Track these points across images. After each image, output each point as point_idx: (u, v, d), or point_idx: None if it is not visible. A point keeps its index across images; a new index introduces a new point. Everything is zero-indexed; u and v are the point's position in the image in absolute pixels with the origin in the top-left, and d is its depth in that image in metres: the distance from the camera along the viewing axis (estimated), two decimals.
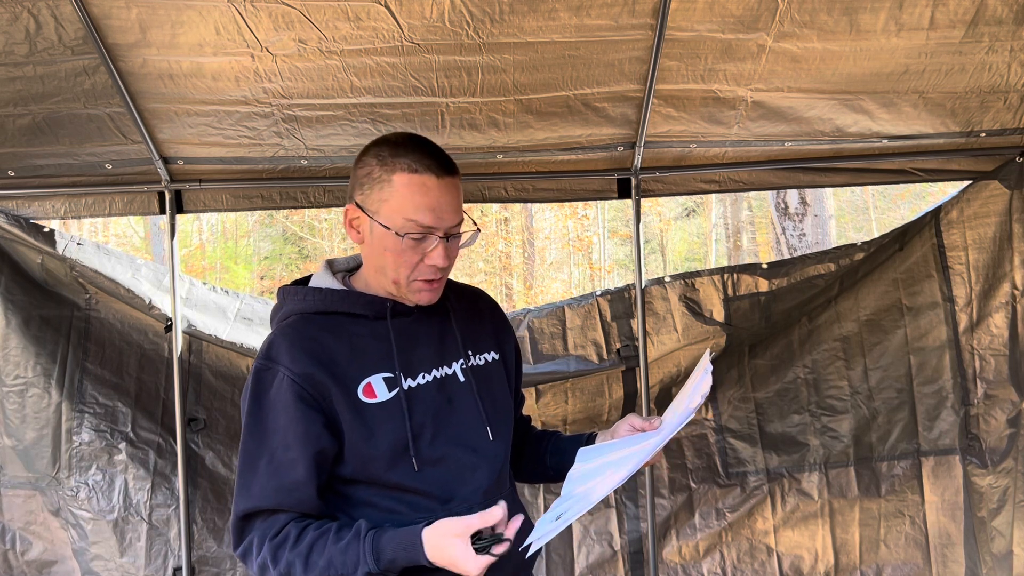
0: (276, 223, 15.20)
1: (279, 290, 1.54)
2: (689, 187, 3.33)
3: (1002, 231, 3.17)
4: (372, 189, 1.44)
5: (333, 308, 1.47)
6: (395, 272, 1.45)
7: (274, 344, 1.42)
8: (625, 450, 1.51)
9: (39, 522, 3.23)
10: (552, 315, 3.43)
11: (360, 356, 1.44)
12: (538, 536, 1.32)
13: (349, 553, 1.31)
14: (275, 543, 1.33)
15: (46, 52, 2.41)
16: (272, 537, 1.33)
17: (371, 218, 1.44)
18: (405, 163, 1.43)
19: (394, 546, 1.31)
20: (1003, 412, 3.20)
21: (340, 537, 1.32)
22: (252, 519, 1.36)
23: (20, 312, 3.20)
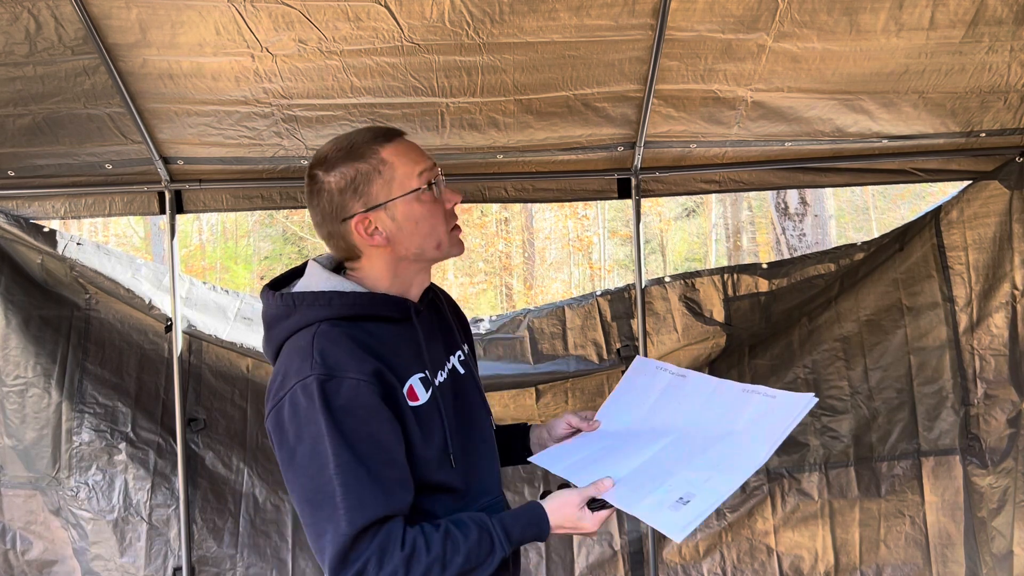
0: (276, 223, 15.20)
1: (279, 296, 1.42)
2: (689, 187, 3.33)
3: (1002, 231, 3.17)
4: (370, 184, 1.40)
5: (363, 312, 1.40)
6: (435, 233, 1.45)
7: (327, 352, 1.31)
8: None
9: (39, 522, 3.23)
10: (552, 315, 3.43)
11: (398, 359, 1.40)
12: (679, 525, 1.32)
13: (483, 544, 1.33)
14: (405, 554, 1.27)
15: (46, 52, 2.42)
16: (400, 548, 1.27)
17: (388, 205, 1.41)
18: (376, 142, 1.42)
19: (521, 526, 1.38)
20: (1003, 412, 3.20)
21: (465, 532, 1.33)
22: (364, 536, 1.25)
23: (20, 312, 3.20)
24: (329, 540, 1.25)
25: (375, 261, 1.44)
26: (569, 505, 1.40)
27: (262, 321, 1.46)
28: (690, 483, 1.39)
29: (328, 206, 1.41)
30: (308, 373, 1.29)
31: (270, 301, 1.43)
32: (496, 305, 14.33)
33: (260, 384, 3.36)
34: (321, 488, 1.26)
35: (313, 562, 3.28)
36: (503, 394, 3.36)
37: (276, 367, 1.39)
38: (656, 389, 1.68)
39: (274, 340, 1.42)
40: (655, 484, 1.42)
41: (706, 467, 1.43)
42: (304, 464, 1.28)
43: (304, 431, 1.28)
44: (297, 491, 1.30)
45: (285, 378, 1.33)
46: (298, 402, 1.29)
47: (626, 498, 1.41)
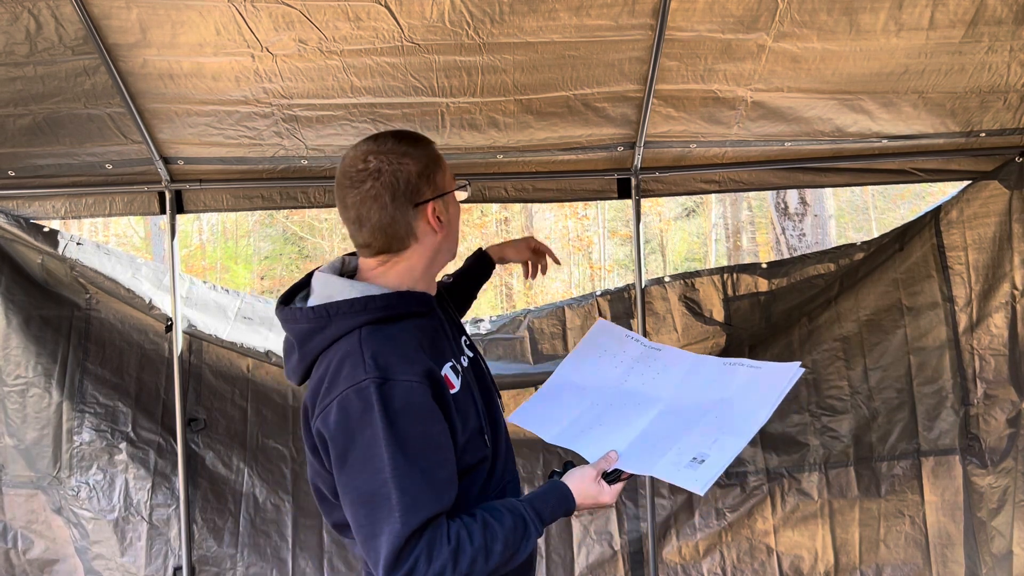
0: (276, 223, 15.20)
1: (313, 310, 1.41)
2: (689, 187, 3.33)
3: (1002, 231, 3.17)
4: (436, 172, 1.47)
5: (395, 312, 1.42)
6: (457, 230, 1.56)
7: (378, 355, 1.33)
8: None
9: (40, 521, 3.23)
10: (552, 315, 3.43)
11: (433, 352, 1.43)
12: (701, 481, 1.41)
13: (518, 528, 1.39)
14: (452, 547, 1.31)
15: (46, 52, 2.42)
16: (447, 543, 1.31)
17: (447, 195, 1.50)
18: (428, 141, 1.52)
19: (551, 507, 1.46)
20: (1003, 412, 3.21)
21: (500, 520, 1.38)
22: (415, 535, 1.28)
23: (21, 312, 3.21)
24: (384, 540, 1.28)
25: (421, 251, 1.47)
26: (587, 480, 1.49)
27: (293, 338, 1.45)
28: (699, 444, 1.46)
29: (402, 189, 1.42)
30: (363, 377, 1.31)
31: (299, 316, 1.43)
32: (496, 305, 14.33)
33: (260, 384, 3.36)
34: (377, 490, 1.29)
35: (313, 562, 3.29)
36: (503, 394, 3.35)
37: (318, 375, 1.39)
38: (629, 355, 1.72)
39: (311, 352, 1.42)
40: (664, 448, 1.48)
41: (710, 430, 1.48)
42: (358, 467, 1.30)
43: (358, 435, 1.30)
44: (350, 493, 1.32)
45: (333, 384, 1.34)
46: (350, 406, 1.31)
47: (638, 464, 1.47)
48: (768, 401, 1.49)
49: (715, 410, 1.53)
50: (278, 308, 1.49)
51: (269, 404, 3.36)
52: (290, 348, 1.47)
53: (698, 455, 1.43)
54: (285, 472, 3.32)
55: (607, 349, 1.75)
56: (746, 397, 1.52)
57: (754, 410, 1.49)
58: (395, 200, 1.42)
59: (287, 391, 3.38)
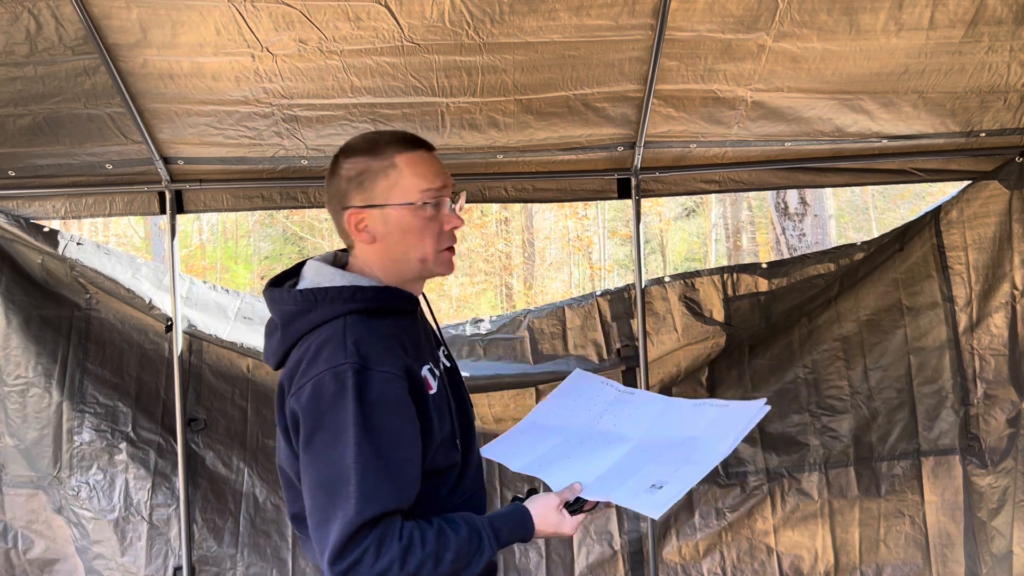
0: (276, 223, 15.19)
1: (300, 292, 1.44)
2: (689, 187, 3.33)
3: (1002, 231, 3.17)
4: (375, 182, 1.44)
5: (382, 305, 1.44)
6: (421, 248, 1.47)
7: (361, 343, 1.35)
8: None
9: (41, 521, 3.23)
10: (552, 315, 3.43)
11: (415, 351, 1.45)
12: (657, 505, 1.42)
13: (472, 543, 1.37)
14: (403, 545, 1.29)
15: (46, 52, 2.42)
16: (398, 540, 1.29)
17: (383, 208, 1.44)
18: (397, 146, 1.46)
19: (509, 528, 1.43)
20: (1003, 412, 3.21)
21: (456, 531, 1.37)
22: (367, 526, 1.27)
23: (21, 312, 3.21)
24: (336, 526, 1.27)
25: (365, 255, 1.49)
26: (549, 507, 1.46)
27: (277, 319, 1.48)
28: (660, 473, 1.47)
29: (335, 191, 1.47)
30: (342, 361, 1.32)
31: (286, 297, 1.46)
32: (496, 305, 14.33)
33: (260, 384, 3.36)
34: (339, 475, 1.29)
35: (313, 561, 3.29)
36: (503, 394, 3.36)
37: (296, 356, 1.40)
38: (603, 399, 1.73)
39: (293, 334, 1.43)
40: (627, 478, 1.49)
41: (674, 461, 1.51)
42: (323, 448, 1.31)
43: (327, 417, 1.31)
44: (312, 474, 1.32)
45: (312, 364, 1.35)
46: (325, 387, 1.31)
47: (602, 492, 1.48)
48: (732, 433, 1.52)
49: (683, 445, 1.55)
50: (266, 289, 1.50)
51: (269, 404, 3.36)
52: (272, 330, 1.49)
53: (657, 482, 1.45)
54: None
55: (581, 393, 1.77)
56: (711, 432, 1.55)
57: (717, 443, 1.51)
58: (331, 201, 1.49)
59: None
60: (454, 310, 13.54)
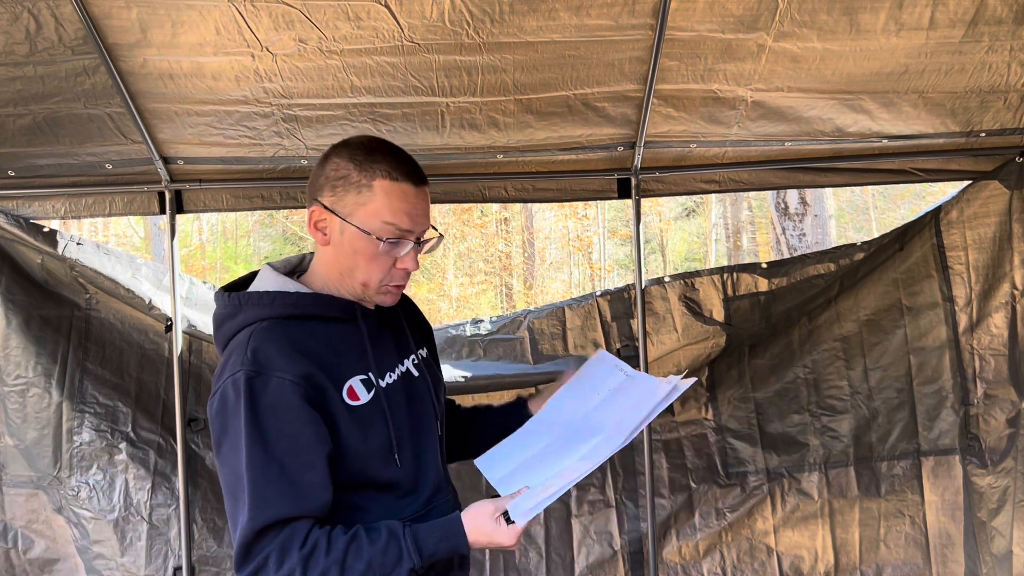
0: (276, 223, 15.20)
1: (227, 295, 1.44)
2: (689, 187, 3.33)
3: (1002, 231, 3.17)
4: (347, 192, 1.42)
5: (305, 312, 1.42)
6: (366, 275, 1.45)
7: (259, 350, 1.35)
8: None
9: (41, 520, 3.23)
10: (552, 315, 3.43)
11: (339, 359, 1.42)
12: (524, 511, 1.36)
13: (389, 553, 1.31)
14: (304, 552, 1.27)
15: (46, 52, 2.42)
16: (300, 547, 1.27)
17: (344, 220, 1.42)
18: (384, 169, 1.43)
19: (435, 538, 1.35)
20: (1003, 412, 3.21)
21: (373, 539, 1.32)
22: (267, 532, 1.27)
23: (20, 312, 3.21)
24: (237, 532, 1.29)
25: (320, 254, 1.49)
26: (482, 516, 1.36)
27: (213, 320, 1.49)
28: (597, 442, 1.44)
29: (314, 179, 1.48)
30: (239, 368, 1.33)
31: (220, 301, 1.47)
32: (496, 305, 14.33)
33: None
34: (236, 482, 1.30)
35: None
36: (503, 394, 3.36)
37: (219, 363, 1.44)
38: (606, 387, 1.68)
39: (221, 339, 1.46)
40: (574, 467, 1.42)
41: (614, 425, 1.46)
42: (227, 456, 1.32)
43: (229, 425, 1.32)
44: (221, 481, 1.34)
45: (221, 372, 1.38)
46: (227, 396, 1.33)
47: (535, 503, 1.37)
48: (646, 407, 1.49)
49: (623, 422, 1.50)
50: (217, 291, 1.52)
51: None
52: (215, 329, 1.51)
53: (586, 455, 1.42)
54: None
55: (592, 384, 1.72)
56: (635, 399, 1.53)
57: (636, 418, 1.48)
58: (310, 186, 1.49)
59: None
60: (454, 310, 13.54)
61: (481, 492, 3.26)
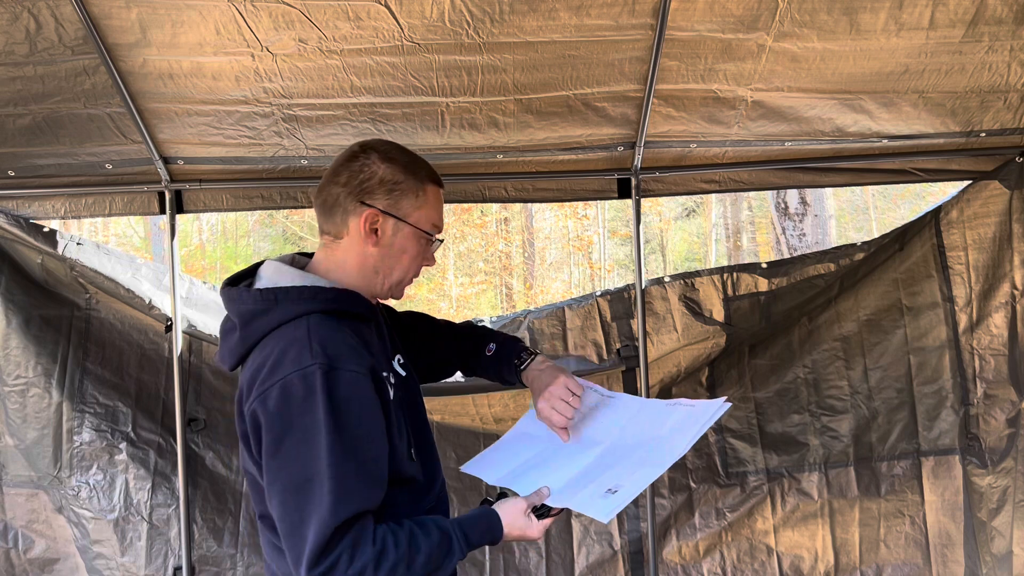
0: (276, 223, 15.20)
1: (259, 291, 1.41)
2: (689, 187, 3.33)
3: (1002, 231, 3.17)
4: (404, 196, 1.47)
5: (339, 307, 1.42)
6: (404, 272, 1.51)
7: (327, 344, 1.33)
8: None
9: (41, 520, 3.23)
10: (552, 316, 3.43)
11: (373, 355, 1.43)
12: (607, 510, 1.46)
13: (443, 546, 1.37)
14: (376, 550, 1.29)
15: (46, 52, 2.42)
16: (372, 543, 1.29)
17: (402, 221, 1.47)
18: (429, 175, 1.52)
19: (479, 532, 1.44)
20: (1003, 412, 3.21)
21: (427, 533, 1.37)
22: (345, 526, 1.27)
23: (21, 312, 3.21)
24: (312, 531, 1.25)
25: (352, 252, 1.48)
26: (517, 511, 1.47)
27: (235, 319, 1.43)
28: (618, 477, 1.51)
29: (359, 183, 1.46)
30: (309, 363, 1.30)
31: (244, 296, 1.42)
32: (496, 305, 14.33)
33: None
34: (311, 478, 1.27)
35: None
36: (503, 394, 3.37)
37: (258, 358, 1.37)
38: (585, 404, 1.72)
39: (253, 335, 1.40)
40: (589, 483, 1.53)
41: (633, 464, 1.54)
42: (293, 453, 1.28)
43: (296, 420, 1.28)
44: (282, 480, 1.29)
45: (276, 367, 1.32)
46: (293, 390, 1.29)
47: (564, 499, 1.51)
48: (690, 432, 1.55)
49: (646, 446, 1.58)
50: (223, 288, 1.47)
51: None
52: (230, 330, 1.45)
53: (613, 487, 1.49)
54: None
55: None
56: (675, 431, 1.59)
57: (677, 442, 1.55)
58: (348, 186, 1.46)
59: None
60: (454, 310, 13.55)
61: (481, 492, 3.27)
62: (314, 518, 1.25)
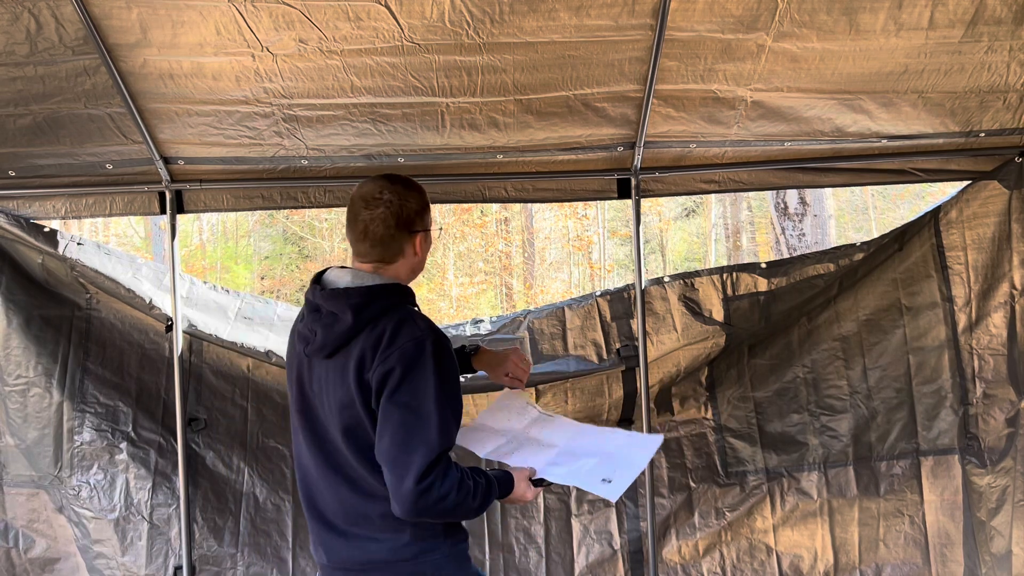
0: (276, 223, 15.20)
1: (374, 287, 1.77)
2: (689, 187, 3.33)
3: (1001, 231, 3.17)
4: (426, 213, 1.89)
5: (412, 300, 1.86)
6: (424, 264, 1.94)
7: (431, 326, 1.76)
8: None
9: (42, 520, 3.23)
10: (552, 316, 3.44)
11: None
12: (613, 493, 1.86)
13: (489, 489, 1.77)
14: (457, 477, 1.68)
15: (47, 52, 2.42)
16: (455, 471, 1.69)
17: (427, 232, 1.91)
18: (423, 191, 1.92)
19: (503, 484, 1.83)
20: (1002, 412, 3.21)
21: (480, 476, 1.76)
22: (441, 457, 1.66)
23: (21, 312, 3.21)
24: (421, 454, 1.64)
25: (403, 266, 1.88)
26: (523, 477, 1.89)
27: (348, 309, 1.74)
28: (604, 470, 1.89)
29: (402, 218, 1.83)
30: (423, 335, 1.71)
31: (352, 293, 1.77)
32: (496, 305, 14.33)
33: (260, 384, 3.37)
34: (422, 416, 1.66)
35: (312, 561, 3.29)
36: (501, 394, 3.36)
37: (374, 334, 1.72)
38: (528, 416, 2.14)
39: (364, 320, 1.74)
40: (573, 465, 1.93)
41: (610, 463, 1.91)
42: (405, 396, 1.67)
43: (411, 373, 1.68)
44: (396, 416, 1.66)
45: (394, 337, 1.70)
46: (410, 352, 1.68)
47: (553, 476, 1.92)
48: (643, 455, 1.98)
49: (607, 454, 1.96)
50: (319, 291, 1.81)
51: (269, 404, 3.37)
52: (331, 322, 1.76)
53: (606, 476, 1.86)
54: (285, 472, 3.33)
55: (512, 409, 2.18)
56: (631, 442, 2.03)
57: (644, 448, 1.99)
58: (397, 225, 1.83)
59: (287, 391, 3.38)
60: (454, 310, 13.55)
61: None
62: (422, 446, 1.64)
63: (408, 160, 3.02)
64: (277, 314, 3.47)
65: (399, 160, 3.01)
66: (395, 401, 1.66)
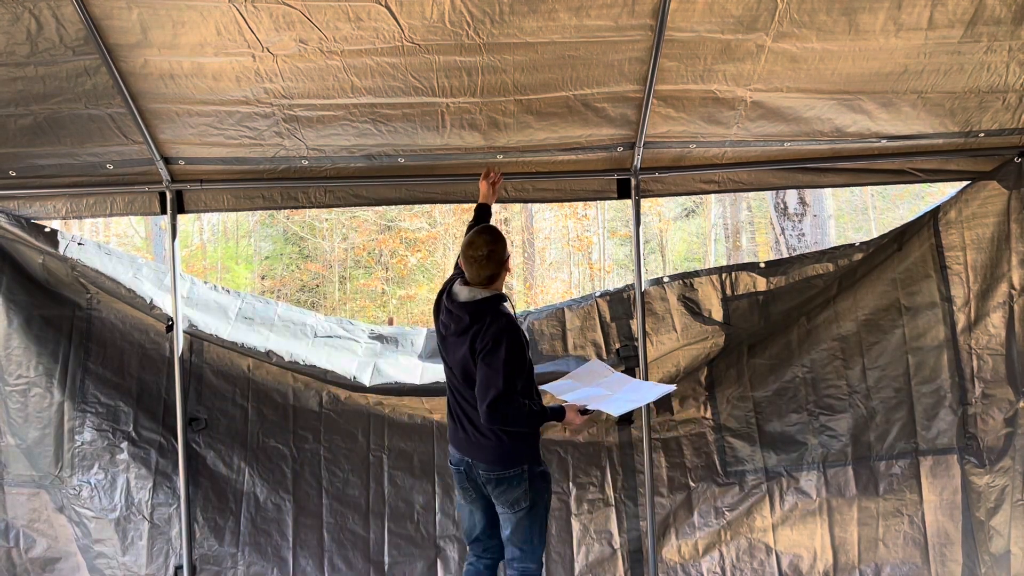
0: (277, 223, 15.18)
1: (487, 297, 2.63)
2: (689, 187, 3.34)
3: (1000, 231, 3.18)
4: (508, 251, 2.74)
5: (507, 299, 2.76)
6: None
7: (512, 316, 2.66)
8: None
9: (43, 519, 3.24)
10: (552, 316, 3.44)
11: None
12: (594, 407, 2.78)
13: (544, 414, 2.65)
14: (519, 403, 2.57)
15: (47, 52, 2.43)
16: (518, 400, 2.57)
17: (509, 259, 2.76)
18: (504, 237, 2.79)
19: (556, 413, 2.68)
20: (1001, 411, 3.21)
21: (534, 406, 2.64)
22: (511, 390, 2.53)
23: (22, 312, 3.21)
24: (492, 391, 2.52)
25: (499, 283, 2.71)
26: (574, 409, 2.73)
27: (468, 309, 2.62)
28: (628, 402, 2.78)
29: (501, 257, 2.68)
30: (500, 327, 2.56)
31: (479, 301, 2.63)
32: None
33: (261, 384, 3.37)
34: (499, 368, 2.53)
35: (313, 560, 3.29)
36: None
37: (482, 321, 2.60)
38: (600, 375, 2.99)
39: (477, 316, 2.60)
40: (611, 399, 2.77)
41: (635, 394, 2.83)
42: (491, 358, 2.54)
43: (496, 344, 2.55)
44: (493, 364, 2.54)
45: (494, 320, 2.59)
46: (501, 330, 2.56)
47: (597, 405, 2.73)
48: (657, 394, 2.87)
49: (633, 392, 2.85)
50: (456, 300, 2.66)
51: (270, 403, 3.37)
52: (460, 317, 2.63)
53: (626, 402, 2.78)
54: (286, 471, 3.33)
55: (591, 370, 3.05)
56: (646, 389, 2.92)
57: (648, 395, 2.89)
58: (500, 263, 2.69)
59: (287, 390, 3.38)
60: None
61: None
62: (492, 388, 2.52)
63: (408, 160, 3.02)
64: (278, 314, 3.48)
65: (399, 160, 3.02)
66: (490, 356, 2.56)
